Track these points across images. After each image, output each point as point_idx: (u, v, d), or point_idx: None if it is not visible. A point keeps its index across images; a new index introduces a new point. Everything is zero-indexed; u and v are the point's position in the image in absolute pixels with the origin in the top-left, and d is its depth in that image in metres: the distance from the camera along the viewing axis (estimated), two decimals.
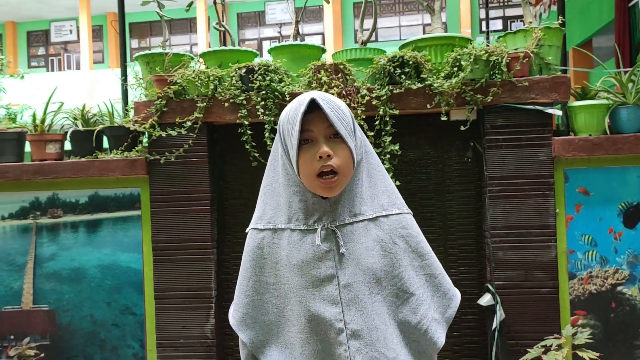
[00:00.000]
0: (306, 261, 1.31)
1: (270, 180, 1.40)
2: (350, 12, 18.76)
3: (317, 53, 2.63)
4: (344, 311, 1.30)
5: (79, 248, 2.58)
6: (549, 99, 2.29)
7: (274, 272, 1.36)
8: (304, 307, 1.31)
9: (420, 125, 2.51)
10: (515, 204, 2.33)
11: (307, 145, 1.28)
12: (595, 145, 2.28)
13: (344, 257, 1.31)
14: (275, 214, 1.37)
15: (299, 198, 1.33)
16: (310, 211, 1.32)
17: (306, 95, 1.27)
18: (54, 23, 20.57)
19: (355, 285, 1.30)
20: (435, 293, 1.40)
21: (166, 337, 2.50)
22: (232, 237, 2.62)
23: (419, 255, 1.38)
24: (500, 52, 2.30)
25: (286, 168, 1.34)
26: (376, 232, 1.34)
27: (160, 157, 2.47)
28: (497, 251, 2.33)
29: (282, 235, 1.35)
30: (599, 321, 2.33)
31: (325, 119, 1.26)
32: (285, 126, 1.30)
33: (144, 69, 2.63)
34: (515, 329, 2.32)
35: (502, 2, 18.41)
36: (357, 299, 1.30)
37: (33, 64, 20.73)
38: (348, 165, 1.28)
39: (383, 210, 1.36)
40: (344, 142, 1.27)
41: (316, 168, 1.26)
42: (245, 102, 2.43)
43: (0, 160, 2.60)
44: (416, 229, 1.39)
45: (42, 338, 2.59)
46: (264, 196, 1.41)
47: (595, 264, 2.33)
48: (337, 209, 1.32)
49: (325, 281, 1.30)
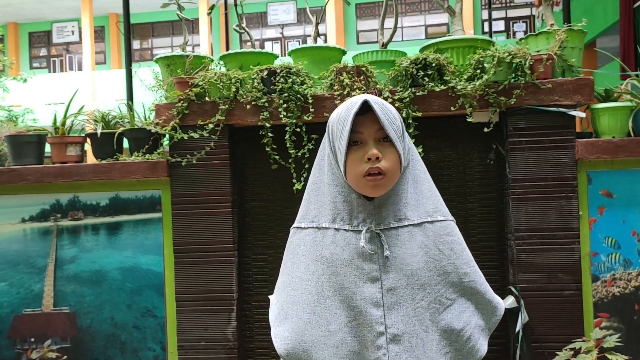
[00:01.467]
0: (350, 261, 1.31)
1: (315, 180, 1.40)
2: (352, 13, 18.77)
3: (337, 55, 2.63)
4: (386, 314, 1.30)
5: (99, 250, 2.57)
6: (572, 101, 2.30)
7: (313, 268, 1.36)
8: (346, 307, 1.31)
9: (441, 127, 2.51)
10: (539, 206, 2.33)
11: (356, 147, 1.29)
12: (619, 147, 2.28)
13: (388, 261, 1.31)
14: (319, 212, 1.38)
15: (343, 198, 1.33)
16: (355, 212, 1.32)
17: (359, 97, 1.27)
18: (55, 24, 20.59)
19: (398, 289, 1.30)
20: (479, 301, 1.40)
21: (187, 340, 2.50)
22: (253, 239, 2.62)
23: (464, 263, 1.38)
24: (524, 54, 2.30)
25: (332, 168, 1.34)
26: (421, 238, 1.34)
27: (182, 159, 2.47)
28: (521, 253, 2.33)
29: (326, 234, 1.35)
30: (622, 324, 2.33)
31: (376, 122, 1.26)
32: (335, 127, 1.31)
33: (164, 71, 2.63)
34: (538, 332, 2.32)
35: (504, 3, 18.42)
36: (399, 304, 1.30)
37: (35, 65, 20.75)
38: (395, 169, 1.29)
39: (428, 216, 1.36)
40: (392, 146, 1.28)
41: (364, 169, 1.26)
42: (267, 105, 2.42)
43: (20, 162, 2.60)
44: (460, 237, 1.40)
45: (63, 341, 2.59)
46: (308, 195, 1.42)
47: (618, 267, 2.33)
48: (382, 212, 1.32)
49: (368, 283, 1.30)
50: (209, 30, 17.89)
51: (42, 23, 20.65)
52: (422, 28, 18.93)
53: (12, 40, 20.26)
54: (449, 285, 1.35)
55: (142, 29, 20.30)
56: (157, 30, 20.61)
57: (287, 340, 1.36)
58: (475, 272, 1.39)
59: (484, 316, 1.40)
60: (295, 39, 19.89)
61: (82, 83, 15.50)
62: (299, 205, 2.53)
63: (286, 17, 19.41)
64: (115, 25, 19.35)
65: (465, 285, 1.37)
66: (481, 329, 1.39)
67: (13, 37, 20.39)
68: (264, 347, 2.60)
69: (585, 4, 11.22)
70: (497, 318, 1.42)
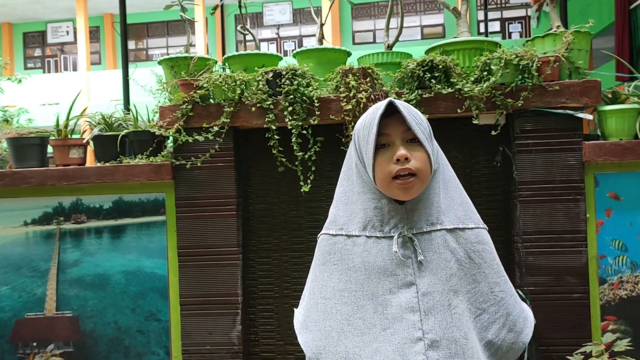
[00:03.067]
0: (383, 268, 1.29)
1: (344, 189, 1.37)
2: (348, 13, 18.76)
3: (342, 57, 2.61)
4: (422, 320, 1.26)
5: (103, 254, 2.55)
6: (580, 103, 2.29)
7: (345, 278, 1.33)
8: (381, 314, 1.28)
9: (447, 129, 2.50)
10: (546, 208, 2.32)
11: (383, 150, 1.26)
12: (627, 150, 2.27)
13: (422, 265, 1.28)
14: (348, 220, 1.35)
15: (374, 205, 1.30)
16: (387, 218, 1.30)
17: (384, 101, 1.26)
18: (50, 24, 20.49)
19: (434, 294, 1.28)
20: (511, 312, 1.37)
21: (192, 344, 2.48)
22: (258, 242, 2.60)
23: (495, 272, 1.36)
24: (531, 56, 2.29)
25: (361, 176, 1.31)
26: (453, 244, 1.32)
27: (186, 162, 2.45)
28: (528, 256, 2.32)
29: (357, 242, 1.32)
30: (629, 327, 2.32)
31: (403, 123, 1.24)
32: (361, 132, 1.28)
33: (168, 72, 2.61)
34: (545, 335, 2.31)
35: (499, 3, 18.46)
36: (436, 309, 1.27)
37: (29, 65, 20.65)
38: (426, 169, 1.26)
39: (460, 222, 1.34)
40: (421, 147, 1.25)
41: (392, 170, 1.24)
42: (273, 107, 2.41)
43: (22, 165, 2.57)
44: (491, 245, 1.38)
45: (66, 345, 2.56)
46: (336, 203, 1.39)
47: (625, 269, 2.32)
48: (414, 216, 1.30)
49: (403, 288, 1.27)
50: (204, 30, 17.84)
51: (37, 23, 20.54)
52: (418, 29, 18.95)
53: (7, 41, 20.17)
54: (479, 294, 1.33)
55: (137, 30, 20.23)
56: (153, 30, 20.54)
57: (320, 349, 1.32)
58: (506, 283, 1.38)
59: (516, 329, 1.38)
60: (291, 39, 19.86)
61: (77, 83, 15.42)
62: (304, 208, 2.54)
63: (282, 17, 19.38)
64: (110, 26, 19.29)
65: (496, 295, 1.35)
66: (512, 342, 1.37)
67: (7, 38, 20.29)
68: (269, 351, 2.58)
69: (581, 5, 11.25)
70: (530, 330, 1.40)
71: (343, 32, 19.01)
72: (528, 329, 1.41)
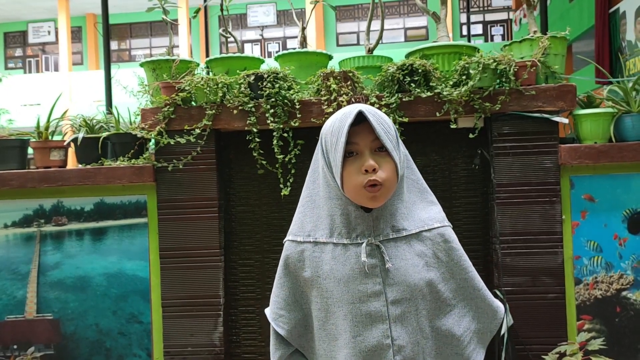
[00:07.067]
0: (352, 276, 1.31)
1: (310, 192, 1.39)
2: (332, 15, 18.80)
3: (324, 60, 2.63)
4: (391, 327, 1.29)
5: (84, 256, 2.55)
6: (556, 107, 2.33)
7: (316, 285, 1.36)
8: (350, 322, 1.31)
9: (426, 132, 2.54)
10: (523, 210, 2.36)
11: (351, 158, 1.27)
12: (602, 153, 2.32)
13: (390, 273, 1.31)
14: (315, 227, 1.36)
15: (340, 211, 1.32)
16: (353, 225, 1.32)
17: (352, 107, 1.27)
18: (31, 24, 20.28)
19: (402, 301, 1.31)
20: (479, 305, 1.41)
21: (173, 346, 2.48)
22: (239, 244, 2.61)
23: (462, 269, 1.39)
24: (508, 60, 2.34)
25: (327, 181, 1.32)
26: (419, 247, 1.34)
27: (168, 164, 2.46)
28: (505, 257, 2.36)
29: (324, 249, 1.34)
30: (604, 326, 2.37)
31: (371, 132, 1.26)
32: (329, 138, 1.29)
33: (150, 75, 2.61)
34: (522, 334, 2.35)
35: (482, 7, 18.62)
36: (404, 316, 1.30)
37: (10, 65, 20.42)
38: (392, 179, 1.29)
39: (424, 224, 1.37)
40: (389, 156, 1.27)
41: (362, 181, 1.25)
42: (254, 110, 2.42)
43: (2, 167, 2.56)
44: (457, 242, 1.41)
45: (46, 347, 2.55)
46: (302, 208, 1.40)
47: (600, 270, 2.37)
48: (379, 224, 1.32)
49: (372, 297, 1.30)
50: (188, 32, 17.78)
51: (18, 23, 20.32)
52: (402, 31, 19.05)
53: None
54: (448, 291, 1.36)
55: (120, 30, 20.10)
56: (135, 31, 20.43)
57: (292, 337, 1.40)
58: (474, 278, 1.41)
59: (484, 321, 1.42)
60: (275, 40, 19.86)
61: (59, 84, 15.28)
62: (286, 210, 2.56)
63: (266, 18, 19.36)
64: (92, 26, 19.13)
65: (464, 290, 1.39)
66: (481, 333, 1.40)
67: None
68: (251, 352, 2.60)
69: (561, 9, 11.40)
70: (498, 322, 1.44)
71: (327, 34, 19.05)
72: (497, 320, 1.44)
